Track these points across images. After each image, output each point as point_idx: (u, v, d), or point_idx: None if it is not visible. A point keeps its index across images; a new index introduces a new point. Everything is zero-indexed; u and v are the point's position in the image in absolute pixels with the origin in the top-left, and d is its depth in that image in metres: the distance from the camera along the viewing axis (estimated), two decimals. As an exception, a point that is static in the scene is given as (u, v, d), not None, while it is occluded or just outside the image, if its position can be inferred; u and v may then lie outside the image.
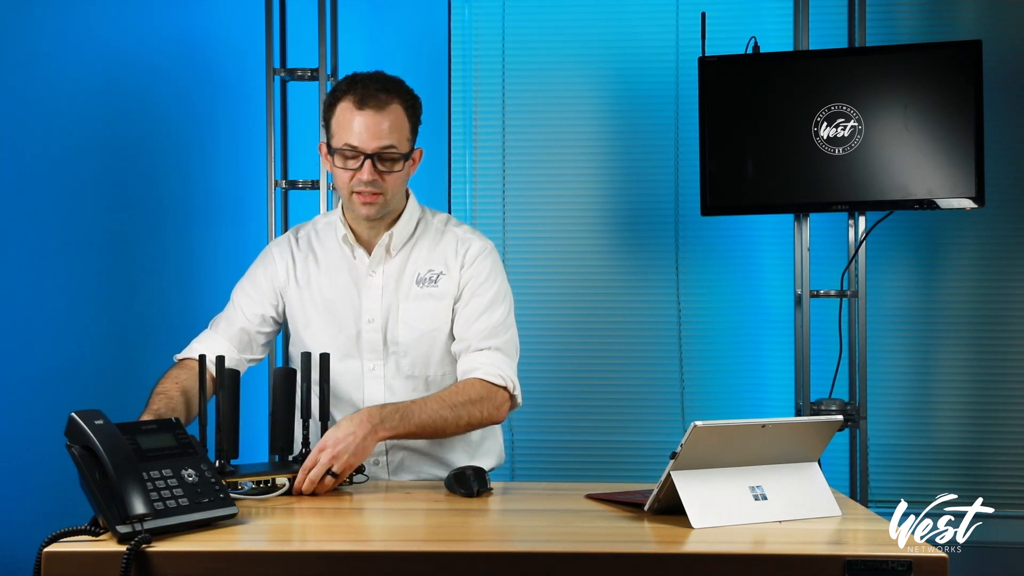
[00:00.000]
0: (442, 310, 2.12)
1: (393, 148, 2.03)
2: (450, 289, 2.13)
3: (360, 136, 2.01)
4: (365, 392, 2.12)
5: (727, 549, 1.42)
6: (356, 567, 1.41)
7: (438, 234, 2.18)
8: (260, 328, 2.18)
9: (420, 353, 2.12)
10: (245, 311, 2.18)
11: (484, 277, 2.13)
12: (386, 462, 2.14)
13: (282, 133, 3.21)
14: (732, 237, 3.50)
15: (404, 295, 2.12)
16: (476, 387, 2.04)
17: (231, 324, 2.18)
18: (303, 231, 2.23)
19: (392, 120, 2.03)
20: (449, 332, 2.13)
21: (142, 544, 1.39)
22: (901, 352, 3.43)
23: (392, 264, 2.14)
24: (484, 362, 2.07)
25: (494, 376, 2.06)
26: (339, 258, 2.16)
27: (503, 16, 3.56)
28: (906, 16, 3.45)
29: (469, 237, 2.18)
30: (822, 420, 1.69)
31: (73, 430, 1.48)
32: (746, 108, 3.05)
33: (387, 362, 2.12)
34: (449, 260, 2.14)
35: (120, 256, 3.37)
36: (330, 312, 2.14)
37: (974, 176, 2.90)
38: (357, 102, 2.02)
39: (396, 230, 2.13)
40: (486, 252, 2.16)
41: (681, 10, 3.51)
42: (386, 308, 2.12)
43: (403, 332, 2.11)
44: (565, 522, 1.67)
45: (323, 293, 2.15)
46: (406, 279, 2.13)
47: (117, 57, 3.38)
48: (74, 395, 3.22)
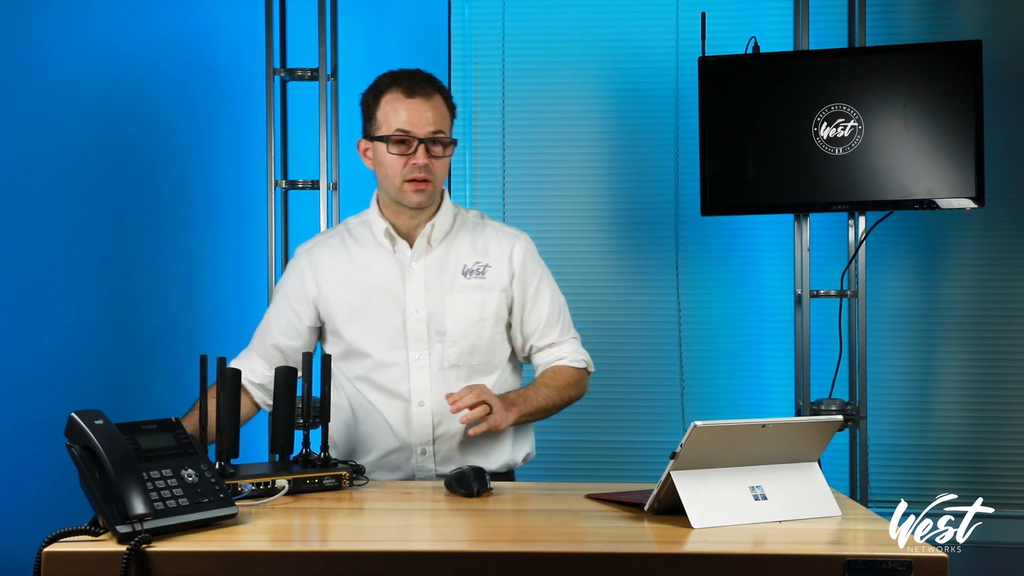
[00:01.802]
0: (489, 301, 2.20)
1: (442, 133, 2.14)
2: (497, 282, 2.21)
3: (412, 122, 2.11)
4: (411, 382, 2.16)
5: (727, 549, 1.42)
6: (356, 567, 1.41)
7: (477, 228, 2.27)
8: (292, 342, 2.24)
9: (467, 343, 2.18)
10: (274, 327, 2.25)
11: (539, 276, 2.27)
12: (433, 451, 2.17)
13: (282, 133, 3.21)
14: (732, 237, 3.49)
15: (450, 286, 2.19)
16: (570, 372, 2.25)
17: (263, 341, 2.26)
18: (334, 235, 2.29)
19: (438, 109, 2.15)
20: (495, 322, 2.21)
21: (142, 544, 1.39)
22: (901, 352, 3.43)
23: (434, 256, 2.20)
24: (568, 351, 2.27)
25: (578, 362, 2.27)
26: (378, 253, 2.22)
27: (503, 16, 3.56)
28: (906, 16, 3.45)
29: (511, 232, 2.29)
30: (822, 420, 1.69)
31: (73, 430, 1.48)
32: (746, 108, 3.05)
33: (432, 352, 2.17)
34: (496, 253, 2.23)
35: (120, 256, 3.38)
36: (373, 306, 2.18)
37: (974, 176, 2.90)
38: (406, 91, 2.13)
39: (437, 221, 2.20)
40: (531, 246, 2.29)
41: (681, 10, 3.51)
42: (431, 298, 2.17)
43: (451, 322, 2.17)
44: (565, 522, 1.67)
45: (364, 289, 2.19)
46: (450, 270, 2.20)
47: (117, 57, 3.38)
48: (74, 395, 3.22)
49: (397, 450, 2.17)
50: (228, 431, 1.79)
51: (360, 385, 2.20)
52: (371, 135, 2.18)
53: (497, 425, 2.04)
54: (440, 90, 2.17)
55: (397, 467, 2.18)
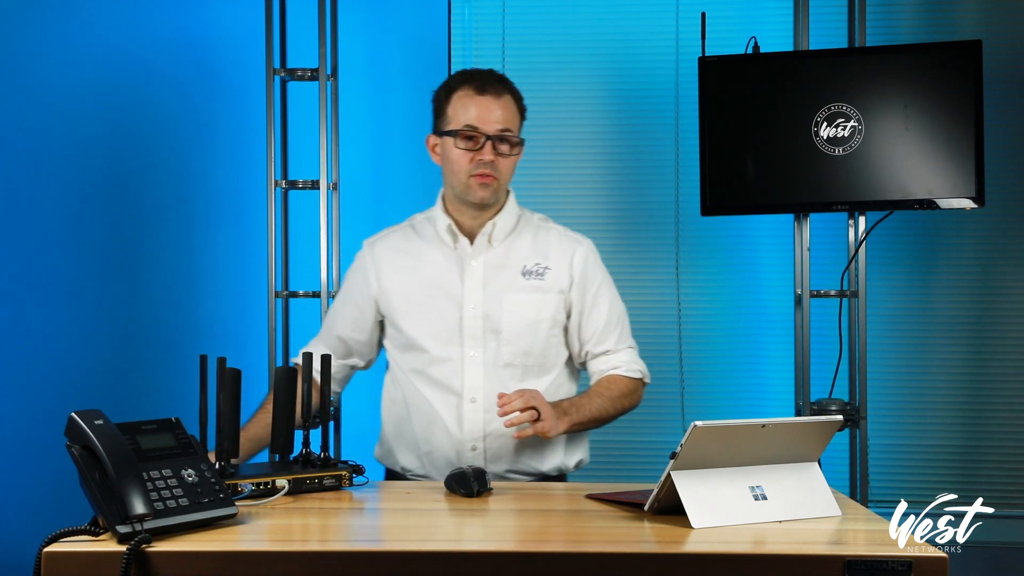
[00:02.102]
0: (547, 303, 2.22)
1: (510, 132, 2.17)
2: (556, 285, 2.23)
3: (482, 118, 2.15)
4: (465, 379, 2.18)
5: (727, 549, 1.42)
6: (356, 567, 1.41)
7: (540, 230, 2.30)
8: (356, 335, 2.30)
9: (522, 342, 2.20)
10: (339, 320, 2.32)
11: (598, 282, 2.29)
12: (483, 448, 2.18)
13: (282, 133, 3.21)
14: (732, 237, 3.49)
15: (508, 285, 2.21)
16: (624, 383, 2.25)
17: (330, 333, 2.34)
18: (399, 229, 2.33)
19: (508, 108, 2.19)
20: (551, 325, 2.22)
21: (142, 544, 1.39)
22: (901, 352, 3.43)
23: (494, 254, 2.23)
24: (625, 360, 2.27)
25: (634, 372, 2.27)
26: (439, 249, 2.25)
27: (503, 16, 3.56)
28: (906, 16, 3.45)
29: (573, 236, 2.32)
30: (822, 420, 1.69)
31: (73, 430, 1.48)
32: (746, 108, 3.05)
33: (487, 349, 2.19)
34: (557, 256, 2.25)
35: (120, 256, 3.38)
36: (431, 301, 2.21)
37: (974, 176, 2.90)
38: (477, 88, 2.17)
39: (499, 220, 2.23)
40: (593, 252, 2.32)
41: (681, 10, 3.50)
42: (488, 296, 2.20)
43: (507, 321, 2.19)
44: (565, 522, 1.67)
45: (423, 284, 2.23)
46: (510, 270, 2.22)
47: (117, 57, 3.38)
48: (74, 395, 3.22)
49: (449, 445, 2.19)
50: (228, 431, 1.79)
51: (415, 379, 2.22)
52: (440, 130, 2.21)
53: (546, 432, 2.04)
54: (511, 90, 2.22)
55: (449, 462, 2.19)
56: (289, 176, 3.20)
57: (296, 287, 3.20)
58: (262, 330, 3.14)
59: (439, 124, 2.23)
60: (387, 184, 3.55)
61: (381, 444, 2.32)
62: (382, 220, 3.52)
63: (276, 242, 3.11)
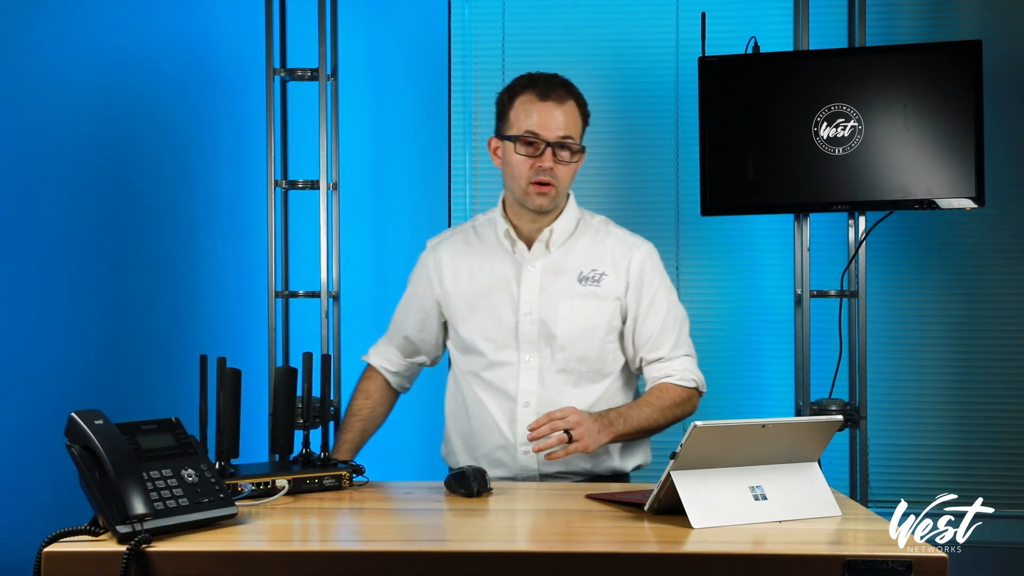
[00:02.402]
0: (603, 310, 2.20)
1: (571, 139, 2.15)
2: (612, 291, 2.21)
3: (542, 124, 2.13)
4: (520, 383, 2.19)
5: (727, 549, 1.42)
6: (356, 567, 1.41)
7: (599, 234, 2.28)
8: (421, 334, 2.33)
9: (577, 348, 2.19)
10: (406, 320, 2.34)
11: (655, 287, 2.25)
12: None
13: (282, 133, 3.21)
14: (732, 237, 3.49)
15: (564, 291, 2.20)
16: (676, 392, 2.21)
17: (397, 332, 2.37)
18: (459, 231, 2.34)
19: (570, 114, 2.16)
20: (607, 331, 2.21)
21: (142, 544, 1.39)
22: (901, 352, 3.43)
23: (551, 259, 2.22)
24: (679, 368, 2.23)
25: (687, 381, 2.23)
26: (498, 252, 2.25)
27: (503, 16, 3.56)
28: (906, 16, 3.45)
29: (632, 241, 2.28)
30: (822, 420, 1.69)
31: (73, 430, 1.48)
32: (746, 108, 3.05)
33: (542, 355, 2.19)
34: (614, 261, 2.23)
35: (120, 256, 3.38)
36: (488, 304, 2.22)
37: (974, 176, 2.90)
38: (540, 94, 2.16)
39: (557, 226, 2.22)
40: (652, 257, 2.28)
41: (681, 10, 3.50)
42: (544, 302, 2.19)
43: (562, 326, 2.18)
44: (565, 522, 1.67)
45: (480, 288, 2.23)
46: (566, 275, 2.21)
47: (118, 57, 3.38)
48: (74, 395, 3.23)
49: (503, 447, 2.20)
50: (228, 431, 1.79)
51: (472, 381, 2.24)
52: (502, 134, 2.20)
53: (585, 449, 2.03)
54: (575, 96, 2.20)
55: (502, 464, 2.20)
56: (289, 176, 3.20)
57: (296, 287, 3.20)
58: (262, 330, 3.15)
59: (501, 128, 2.22)
60: (387, 184, 3.55)
61: (445, 443, 2.34)
62: (382, 220, 3.55)
63: (276, 242, 3.11)
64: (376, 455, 2.36)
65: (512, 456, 2.19)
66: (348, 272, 3.27)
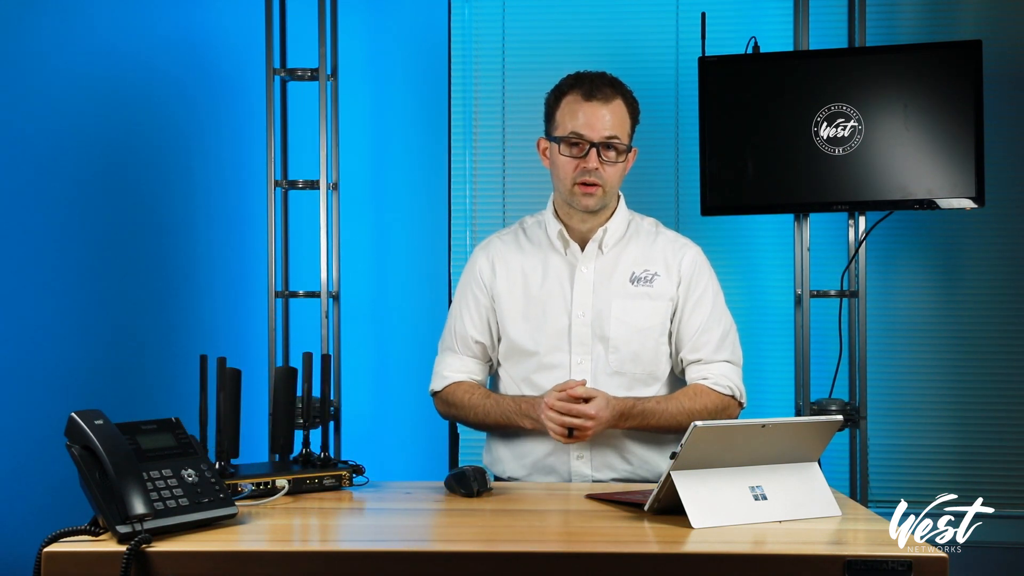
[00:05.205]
0: (656, 311, 2.19)
1: (617, 139, 2.13)
2: (665, 291, 2.20)
3: (587, 125, 2.12)
4: None
5: (727, 549, 1.42)
6: (356, 567, 1.41)
7: (650, 236, 2.27)
8: (491, 338, 2.28)
9: (630, 350, 2.17)
10: (470, 326, 2.26)
11: (704, 287, 2.23)
12: (589, 456, 2.16)
13: (282, 133, 3.21)
14: (732, 237, 3.49)
15: (617, 292, 2.19)
16: (709, 397, 2.16)
17: (467, 342, 2.28)
18: (509, 233, 2.32)
19: (617, 113, 2.15)
20: (660, 332, 2.19)
21: (142, 544, 1.39)
22: (901, 352, 3.43)
23: (604, 261, 2.21)
24: (716, 373, 2.18)
25: (724, 387, 2.17)
26: (549, 254, 2.23)
27: (503, 16, 3.56)
28: (906, 16, 3.45)
29: (683, 241, 2.28)
30: (822, 420, 1.69)
31: (73, 430, 1.48)
32: (746, 108, 3.05)
33: (594, 356, 2.17)
34: (666, 261, 2.22)
35: (120, 256, 3.38)
36: (540, 306, 2.20)
37: (974, 176, 2.90)
38: (585, 94, 2.14)
39: (610, 227, 2.21)
40: (701, 259, 2.27)
41: (681, 10, 3.50)
42: (597, 303, 2.18)
43: (615, 328, 2.17)
44: (565, 522, 1.67)
45: (532, 289, 2.21)
46: (619, 276, 2.20)
47: (118, 57, 3.38)
48: (74, 395, 3.22)
49: (554, 453, 2.17)
50: (228, 431, 1.79)
51: (523, 387, 2.21)
52: (549, 135, 2.20)
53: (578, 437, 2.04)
54: (623, 94, 2.18)
55: (553, 470, 2.17)
56: (289, 176, 3.20)
57: (296, 287, 3.20)
58: (262, 330, 3.15)
59: (548, 128, 2.21)
60: (387, 184, 3.55)
61: (488, 451, 2.30)
62: (382, 220, 3.55)
63: (276, 242, 3.11)
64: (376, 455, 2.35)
65: (564, 461, 2.16)
66: (348, 272, 3.27)
